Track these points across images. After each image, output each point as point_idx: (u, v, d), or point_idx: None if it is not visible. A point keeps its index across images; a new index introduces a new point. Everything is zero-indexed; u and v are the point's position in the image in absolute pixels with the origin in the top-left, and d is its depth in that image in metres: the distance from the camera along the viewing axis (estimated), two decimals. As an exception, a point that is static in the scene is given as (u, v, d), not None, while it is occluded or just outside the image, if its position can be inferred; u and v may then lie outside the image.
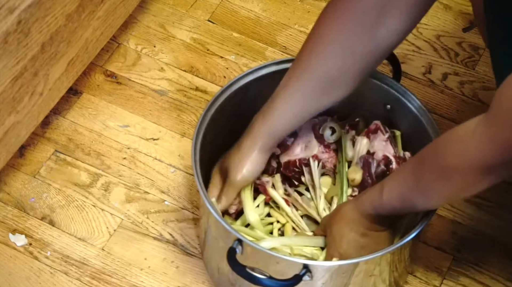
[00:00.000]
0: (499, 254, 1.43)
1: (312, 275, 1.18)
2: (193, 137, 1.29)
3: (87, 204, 1.47)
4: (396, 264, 1.27)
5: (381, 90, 1.35)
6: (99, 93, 1.61)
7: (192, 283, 1.39)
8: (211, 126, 1.32)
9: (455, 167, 1.04)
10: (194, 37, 1.70)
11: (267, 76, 1.36)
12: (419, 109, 1.32)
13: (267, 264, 1.20)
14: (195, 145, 1.28)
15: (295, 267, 1.18)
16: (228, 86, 1.35)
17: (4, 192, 1.48)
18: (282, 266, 1.19)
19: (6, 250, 1.41)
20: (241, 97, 1.36)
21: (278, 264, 1.19)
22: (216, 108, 1.33)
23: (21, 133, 1.41)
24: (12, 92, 1.33)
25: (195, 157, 1.26)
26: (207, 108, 1.32)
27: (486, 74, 1.64)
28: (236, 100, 1.35)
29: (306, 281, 1.19)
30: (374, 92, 1.36)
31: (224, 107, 1.34)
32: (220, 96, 1.34)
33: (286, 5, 1.76)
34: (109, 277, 1.39)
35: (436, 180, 1.09)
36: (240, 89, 1.35)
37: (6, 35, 1.26)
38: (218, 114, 1.33)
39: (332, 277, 1.21)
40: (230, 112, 1.35)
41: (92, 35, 1.51)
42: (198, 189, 1.23)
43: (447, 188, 1.09)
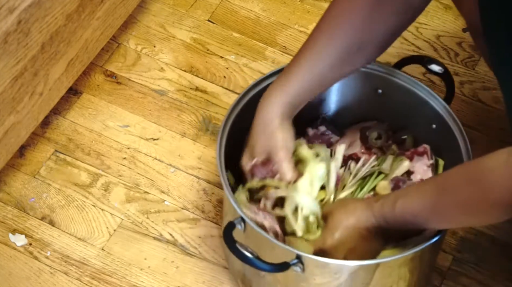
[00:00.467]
0: (499, 254, 1.43)
1: (304, 268, 1.18)
2: (218, 134, 1.29)
3: (87, 204, 1.47)
4: (397, 278, 1.26)
5: (430, 111, 1.34)
6: (99, 93, 1.61)
7: (192, 283, 1.39)
8: (236, 124, 1.32)
9: (482, 200, 1.02)
10: (194, 37, 1.70)
11: None
12: (460, 136, 1.30)
13: (264, 248, 1.20)
14: (221, 139, 1.28)
15: (288, 256, 1.18)
16: (256, 84, 1.34)
17: (4, 192, 1.48)
18: (277, 252, 1.19)
19: (6, 250, 1.41)
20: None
21: (274, 250, 1.19)
22: (242, 105, 1.33)
23: (21, 133, 1.41)
24: (12, 92, 1.33)
25: (220, 147, 1.27)
26: (234, 104, 1.32)
27: (486, 74, 1.64)
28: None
29: (297, 273, 1.19)
30: (423, 112, 1.35)
31: (250, 105, 1.33)
32: (249, 93, 1.34)
33: (286, 5, 1.76)
34: (109, 277, 1.39)
35: (457, 210, 1.07)
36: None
37: (6, 35, 1.26)
38: (244, 112, 1.33)
39: (325, 276, 1.21)
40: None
41: (92, 35, 1.51)
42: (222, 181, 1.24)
43: (467, 218, 1.08)
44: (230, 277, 1.40)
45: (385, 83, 1.37)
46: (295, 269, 1.18)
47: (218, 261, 1.41)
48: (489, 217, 1.05)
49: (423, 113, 1.35)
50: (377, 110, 1.42)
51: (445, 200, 1.09)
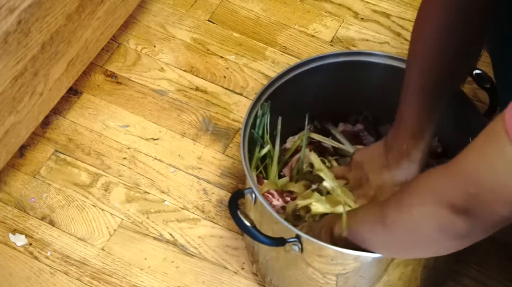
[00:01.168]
0: (500, 254, 1.43)
1: (302, 249, 1.20)
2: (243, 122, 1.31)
3: (87, 204, 1.47)
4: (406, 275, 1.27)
5: (467, 123, 1.34)
6: (99, 93, 1.61)
7: (192, 283, 1.39)
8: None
9: (393, 230, 1.05)
10: (194, 37, 1.70)
11: (319, 68, 1.38)
12: None
13: (269, 222, 1.22)
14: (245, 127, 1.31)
15: (288, 233, 1.20)
16: (278, 77, 1.36)
17: (4, 192, 1.48)
18: (279, 228, 1.21)
19: (6, 250, 1.41)
20: (291, 88, 1.37)
21: (276, 225, 1.21)
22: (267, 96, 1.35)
23: (21, 133, 1.41)
24: (12, 92, 1.33)
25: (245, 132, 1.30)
26: (258, 96, 1.34)
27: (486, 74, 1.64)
28: (288, 91, 1.37)
29: (297, 253, 1.20)
30: (463, 126, 1.35)
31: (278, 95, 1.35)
32: (272, 86, 1.35)
33: (286, 5, 1.76)
34: (109, 277, 1.39)
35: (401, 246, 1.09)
36: (289, 81, 1.36)
37: (6, 35, 1.26)
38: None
39: (322, 260, 1.22)
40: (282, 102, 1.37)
41: (92, 35, 1.51)
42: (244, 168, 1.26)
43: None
44: (230, 277, 1.40)
45: None
46: (293, 248, 1.20)
47: (218, 261, 1.41)
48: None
49: (462, 125, 1.35)
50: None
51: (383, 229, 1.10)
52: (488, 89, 1.36)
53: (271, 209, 1.22)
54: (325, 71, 1.38)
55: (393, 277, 1.23)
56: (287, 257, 1.25)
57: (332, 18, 1.73)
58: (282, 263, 1.28)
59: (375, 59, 1.39)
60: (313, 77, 1.38)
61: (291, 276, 1.28)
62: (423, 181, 0.99)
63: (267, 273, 1.35)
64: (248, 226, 1.19)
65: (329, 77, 1.39)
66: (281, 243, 1.20)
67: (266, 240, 1.19)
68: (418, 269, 1.25)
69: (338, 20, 1.73)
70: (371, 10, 1.75)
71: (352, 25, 1.72)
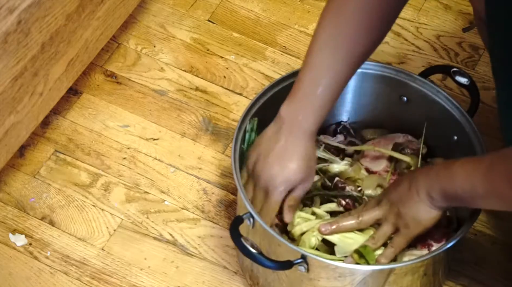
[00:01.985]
0: (499, 254, 1.43)
1: (309, 268, 1.18)
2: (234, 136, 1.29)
3: (87, 204, 1.47)
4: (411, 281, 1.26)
5: (453, 122, 1.33)
6: (99, 93, 1.61)
7: (192, 283, 1.39)
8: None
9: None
10: (194, 37, 1.70)
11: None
12: (480, 150, 1.29)
13: (271, 245, 1.21)
14: (235, 145, 1.28)
15: (293, 254, 1.18)
16: (275, 83, 1.35)
17: (4, 192, 1.48)
18: (283, 250, 1.19)
19: (6, 250, 1.41)
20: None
21: (280, 247, 1.20)
22: (259, 106, 1.33)
23: (21, 133, 1.41)
24: (12, 92, 1.33)
25: (235, 153, 1.27)
26: (252, 103, 1.32)
27: (486, 74, 1.64)
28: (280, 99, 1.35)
29: (302, 273, 1.19)
30: (445, 123, 1.34)
31: (268, 105, 1.32)
32: (266, 94, 1.34)
33: (286, 5, 1.76)
34: (109, 277, 1.39)
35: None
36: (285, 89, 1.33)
37: (6, 35, 1.26)
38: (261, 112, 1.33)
39: (329, 278, 1.21)
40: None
41: (92, 35, 1.51)
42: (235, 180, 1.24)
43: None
44: (230, 277, 1.40)
45: (410, 91, 1.36)
46: (299, 268, 1.18)
47: (218, 261, 1.41)
48: None
49: (445, 124, 1.34)
50: (398, 118, 1.41)
51: (493, 177, 1.08)
52: (466, 86, 1.36)
53: (273, 232, 1.20)
54: None
55: (400, 286, 1.24)
56: (291, 278, 1.24)
57: (332, 18, 1.73)
58: (286, 284, 1.27)
59: None
60: None
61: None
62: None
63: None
64: (255, 253, 1.17)
65: None
66: (288, 266, 1.18)
67: (273, 264, 1.18)
68: (419, 277, 1.25)
69: (338, 20, 1.73)
70: (371, 10, 1.75)
71: (352, 25, 1.72)
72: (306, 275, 1.20)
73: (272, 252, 1.20)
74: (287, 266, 1.18)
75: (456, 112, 1.32)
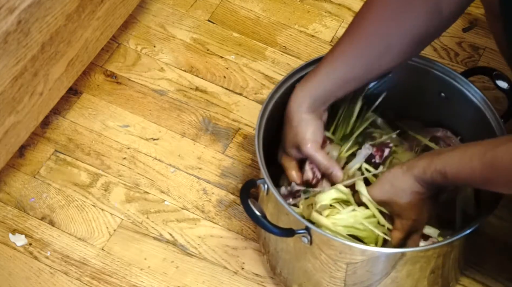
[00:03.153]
0: (499, 254, 1.43)
1: (312, 241, 1.20)
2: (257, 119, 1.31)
3: (87, 204, 1.47)
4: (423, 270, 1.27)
5: (485, 125, 1.33)
6: (99, 93, 1.61)
7: (192, 283, 1.39)
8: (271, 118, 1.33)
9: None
10: (194, 37, 1.70)
11: None
12: None
13: (279, 213, 1.24)
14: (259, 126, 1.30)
15: (297, 225, 1.20)
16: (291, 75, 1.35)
17: (4, 192, 1.48)
18: (290, 219, 1.21)
19: (6, 250, 1.41)
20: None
21: (287, 216, 1.22)
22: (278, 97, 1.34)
23: (21, 133, 1.41)
24: (12, 92, 1.33)
25: (259, 131, 1.29)
26: (271, 94, 1.33)
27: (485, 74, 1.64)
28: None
29: (305, 245, 1.21)
30: (477, 125, 1.35)
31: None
32: (283, 85, 1.35)
33: (286, 5, 1.76)
34: (109, 277, 1.39)
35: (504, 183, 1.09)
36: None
37: (6, 35, 1.26)
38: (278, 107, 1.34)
39: (331, 253, 1.22)
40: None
41: (92, 35, 1.51)
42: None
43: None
44: (229, 277, 1.40)
45: (451, 89, 1.37)
46: (303, 239, 1.20)
47: (218, 261, 1.41)
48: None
49: (478, 126, 1.34)
50: (436, 113, 1.42)
51: (498, 176, 1.10)
52: (505, 90, 1.36)
53: (283, 200, 1.22)
54: None
55: (401, 274, 1.24)
56: (296, 249, 1.26)
57: (332, 18, 1.73)
58: (292, 254, 1.29)
59: None
60: None
61: (300, 268, 1.29)
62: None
63: (277, 264, 1.36)
64: (258, 215, 1.19)
65: None
66: (290, 234, 1.20)
67: (275, 230, 1.20)
68: (427, 268, 1.25)
69: (338, 20, 1.73)
70: (371, 10, 1.75)
71: (352, 25, 1.72)
72: (310, 247, 1.22)
73: (282, 222, 1.22)
74: (289, 234, 1.20)
75: (490, 115, 1.33)
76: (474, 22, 1.72)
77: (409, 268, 1.23)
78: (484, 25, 1.71)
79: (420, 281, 1.27)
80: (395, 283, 1.26)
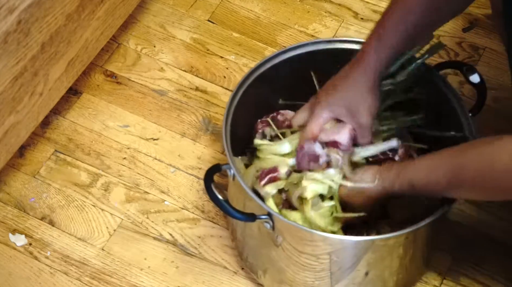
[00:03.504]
0: (499, 254, 1.43)
1: (274, 227, 1.21)
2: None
3: (87, 204, 1.47)
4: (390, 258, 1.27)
5: (455, 118, 1.33)
6: (99, 93, 1.61)
7: (192, 283, 1.39)
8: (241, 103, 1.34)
9: (504, 175, 1.05)
10: (194, 37, 1.70)
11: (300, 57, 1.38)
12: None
13: (244, 199, 1.24)
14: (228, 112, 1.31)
15: (260, 210, 1.21)
16: (261, 64, 1.36)
17: (4, 192, 1.48)
18: (254, 205, 1.22)
19: (6, 250, 1.41)
20: (272, 76, 1.37)
21: (251, 202, 1.23)
22: (246, 87, 1.35)
23: (21, 133, 1.41)
24: (12, 92, 1.33)
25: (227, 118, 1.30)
26: (239, 85, 1.34)
27: (486, 74, 1.64)
28: (267, 79, 1.37)
29: (269, 231, 1.22)
30: (446, 117, 1.35)
31: (255, 86, 1.35)
32: (253, 74, 1.36)
33: (286, 5, 1.76)
34: (109, 277, 1.39)
35: (477, 179, 1.09)
36: (271, 68, 1.37)
37: (6, 35, 1.26)
38: (248, 94, 1.35)
39: (294, 238, 1.23)
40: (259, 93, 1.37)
41: (92, 35, 1.51)
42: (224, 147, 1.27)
43: (484, 189, 1.10)
44: (229, 277, 1.40)
45: (422, 81, 1.36)
46: (265, 225, 1.22)
47: (218, 261, 1.41)
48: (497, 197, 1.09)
49: (447, 118, 1.35)
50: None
51: (465, 175, 1.11)
52: (475, 85, 1.36)
53: (246, 186, 1.23)
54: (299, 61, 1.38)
55: (365, 262, 1.25)
56: (260, 234, 1.27)
57: (332, 18, 1.73)
58: (256, 240, 1.30)
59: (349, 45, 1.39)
60: (289, 66, 1.39)
61: (264, 254, 1.30)
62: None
63: (243, 250, 1.37)
64: (220, 199, 1.21)
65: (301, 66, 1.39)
66: (251, 219, 1.22)
67: (237, 214, 1.21)
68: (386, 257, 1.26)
69: (338, 20, 1.73)
70: (371, 10, 1.75)
71: (352, 25, 1.72)
72: (272, 233, 1.23)
73: (247, 208, 1.24)
74: (250, 218, 1.22)
75: (460, 110, 1.33)
76: (474, 22, 1.72)
77: (370, 256, 1.24)
78: (484, 25, 1.71)
79: (384, 270, 1.28)
80: (355, 272, 1.26)
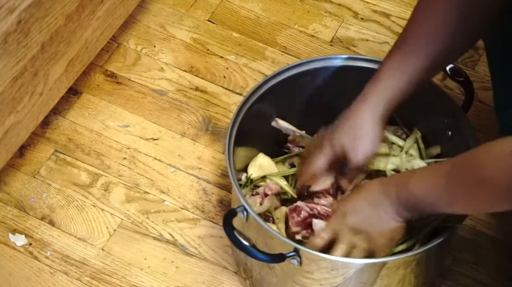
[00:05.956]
0: (499, 254, 1.43)
1: (301, 262, 1.18)
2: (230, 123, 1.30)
3: (87, 204, 1.47)
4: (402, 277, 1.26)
5: (449, 118, 1.33)
6: (99, 93, 1.61)
7: (192, 283, 1.39)
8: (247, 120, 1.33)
9: (490, 182, 1.03)
10: (194, 37, 1.70)
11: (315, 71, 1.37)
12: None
13: (264, 238, 1.21)
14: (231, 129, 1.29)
15: (286, 248, 1.18)
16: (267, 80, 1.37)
17: (4, 192, 1.48)
18: (276, 243, 1.20)
19: (6, 250, 1.41)
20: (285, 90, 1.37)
21: (273, 240, 1.20)
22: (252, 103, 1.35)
23: (21, 133, 1.41)
24: (12, 92, 1.33)
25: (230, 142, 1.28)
26: (246, 99, 1.34)
27: (486, 74, 1.64)
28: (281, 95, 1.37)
29: (294, 266, 1.19)
30: (440, 118, 1.35)
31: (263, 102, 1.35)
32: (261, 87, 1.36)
33: (286, 5, 1.76)
34: (109, 277, 1.39)
35: (468, 189, 1.08)
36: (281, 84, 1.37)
37: (6, 35, 1.26)
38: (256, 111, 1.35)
39: (322, 271, 1.21)
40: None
41: (92, 35, 1.51)
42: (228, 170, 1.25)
43: (475, 199, 1.08)
44: (229, 277, 1.40)
45: None
46: (292, 261, 1.19)
47: (218, 261, 1.41)
48: (499, 202, 1.06)
49: (441, 119, 1.34)
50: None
51: (458, 181, 1.09)
52: (462, 82, 1.36)
53: (266, 225, 1.20)
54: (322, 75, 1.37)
55: (393, 280, 1.24)
56: (284, 271, 1.24)
57: (332, 18, 1.74)
58: (280, 277, 1.27)
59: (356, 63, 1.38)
60: (310, 80, 1.37)
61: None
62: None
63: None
64: (247, 246, 1.17)
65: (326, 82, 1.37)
66: (280, 259, 1.18)
67: (266, 257, 1.18)
68: (417, 271, 1.25)
69: (338, 20, 1.73)
70: (371, 10, 1.75)
71: (352, 25, 1.73)
72: (299, 268, 1.20)
73: (266, 245, 1.21)
74: (280, 259, 1.19)
75: (452, 108, 1.33)
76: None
77: (401, 273, 1.23)
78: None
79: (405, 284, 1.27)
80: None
